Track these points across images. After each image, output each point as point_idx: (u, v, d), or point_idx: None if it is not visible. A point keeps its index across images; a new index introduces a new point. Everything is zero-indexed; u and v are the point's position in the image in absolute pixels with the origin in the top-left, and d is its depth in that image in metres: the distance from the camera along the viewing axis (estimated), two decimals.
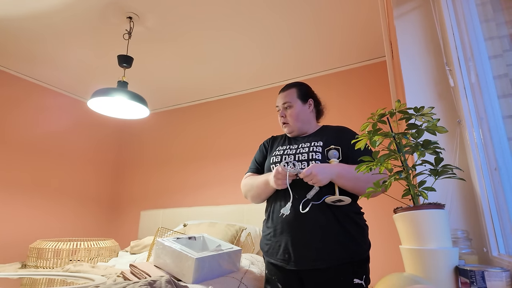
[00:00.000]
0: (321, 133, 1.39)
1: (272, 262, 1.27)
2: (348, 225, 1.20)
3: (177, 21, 2.24)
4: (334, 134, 1.36)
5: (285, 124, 1.41)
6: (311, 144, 1.31)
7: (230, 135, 3.29)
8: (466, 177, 0.87)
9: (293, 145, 1.36)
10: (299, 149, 1.32)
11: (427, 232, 0.68)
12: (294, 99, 1.39)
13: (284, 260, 1.20)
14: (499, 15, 0.87)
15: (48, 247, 2.20)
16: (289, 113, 1.38)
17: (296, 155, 1.30)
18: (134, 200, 3.64)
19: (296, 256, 1.17)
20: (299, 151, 1.31)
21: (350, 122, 2.70)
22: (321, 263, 1.15)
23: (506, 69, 0.83)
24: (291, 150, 1.34)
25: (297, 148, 1.33)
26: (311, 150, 1.29)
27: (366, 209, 2.46)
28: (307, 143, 1.34)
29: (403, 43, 1.09)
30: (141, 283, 1.15)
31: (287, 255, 1.19)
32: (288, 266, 1.20)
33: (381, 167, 0.81)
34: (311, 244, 1.16)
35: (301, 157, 1.28)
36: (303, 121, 1.39)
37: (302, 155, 1.29)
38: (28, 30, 2.34)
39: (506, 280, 0.56)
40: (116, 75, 2.99)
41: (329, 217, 1.18)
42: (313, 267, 1.16)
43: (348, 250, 1.17)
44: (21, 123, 2.95)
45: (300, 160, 1.27)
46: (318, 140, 1.33)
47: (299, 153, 1.30)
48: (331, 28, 2.34)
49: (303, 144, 1.34)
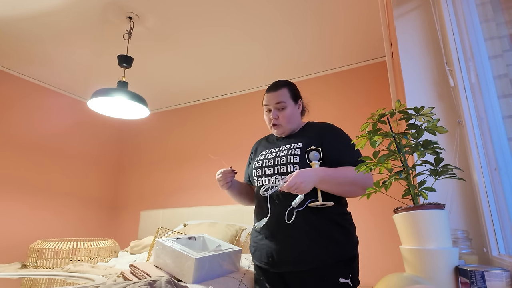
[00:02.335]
0: (303, 132, 1.35)
1: (257, 265, 1.32)
2: (331, 228, 1.19)
3: (177, 21, 2.24)
4: (317, 131, 1.33)
5: (276, 125, 1.33)
6: (290, 146, 1.28)
7: (230, 135, 3.29)
8: (466, 177, 0.87)
9: (274, 148, 1.34)
10: (279, 152, 1.29)
11: (427, 232, 0.68)
12: (287, 99, 1.32)
13: (268, 263, 1.24)
14: (499, 15, 0.87)
15: (48, 247, 2.20)
16: (282, 114, 1.31)
17: (275, 158, 1.28)
18: (134, 200, 3.64)
19: (279, 260, 1.20)
20: (278, 155, 1.29)
21: (350, 122, 2.70)
22: (303, 266, 1.17)
23: (506, 69, 0.83)
24: (271, 154, 1.32)
25: (277, 151, 1.31)
26: (290, 153, 1.25)
27: (366, 209, 2.48)
28: (287, 145, 1.31)
29: (403, 43, 1.09)
30: (141, 283, 1.15)
31: (271, 259, 1.22)
32: (272, 269, 1.24)
33: (381, 167, 0.81)
34: (294, 249, 1.18)
35: (280, 160, 1.26)
36: (294, 122, 1.35)
37: (280, 158, 1.26)
38: (28, 30, 2.34)
39: (506, 280, 0.56)
40: (116, 75, 2.99)
41: (312, 222, 1.18)
42: (296, 269, 1.18)
43: (331, 252, 1.16)
44: (21, 123, 2.95)
45: (280, 164, 1.25)
46: (298, 141, 1.29)
47: (277, 157, 1.28)
48: (330, 28, 2.34)
49: (283, 146, 1.31)
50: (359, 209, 2.43)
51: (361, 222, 2.49)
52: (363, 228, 2.46)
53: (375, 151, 0.83)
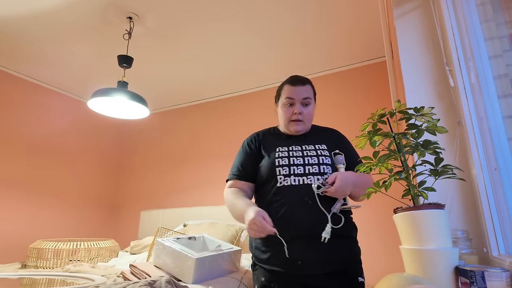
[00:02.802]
0: (316, 135, 1.32)
1: (274, 270, 1.16)
2: (351, 229, 1.22)
3: (177, 21, 2.24)
4: (330, 136, 1.33)
5: (299, 121, 1.25)
6: (315, 147, 1.24)
7: (230, 135, 3.29)
8: (466, 177, 0.87)
9: (295, 146, 1.26)
10: (305, 152, 1.23)
11: (427, 232, 0.68)
12: (312, 96, 1.27)
13: (292, 267, 1.13)
14: (499, 15, 0.87)
15: (48, 247, 2.20)
16: (307, 111, 1.25)
17: (304, 157, 1.20)
18: (134, 200, 3.63)
19: (311, 262, 1.12)
20: (306, 154, 1.22)
21: (350, 122, 2.70)
22: (333, 267, 1.14)
23: (506, 69, 0.83)
24: (296, 152, 1.23)
25: (302, 150, 1.24)
26: (319, 154, 1.21)
27: (366, 209, 2.48)
28: (310, 145, 1.25)
29: (403, 43, 1.09)
30: (141, 283, 1.15)
31: (300, 262, 1.12)
32: (298, 272, 1.13)
33: (381, 167, 0.81)
34: (327, 250, 1.13)
35: (311, 160, 1.20)
36: (311, 122, 1.31)
37: (311, 158, 1.20)
38: (28, 30, 2.34)
39: (506, 280, 0.56)
40: (116, 75, 2.99)
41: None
42: (327, 271, 1.13)
43: (352, 252, 1.20)
44: (20, 123, 2.95)
45: (311, 164, 1.19)
46: (320, 142, 1.26)
47: (307, 156, 1.21)
48: (330, 28, 2.34)
49: (306, 146, 1.25)
50: (359, 209, 2.43)
51: (362, 222, 2.48)
52: (363, 228, 2.46)
53: (375, 151, 0.83)
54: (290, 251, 1.12)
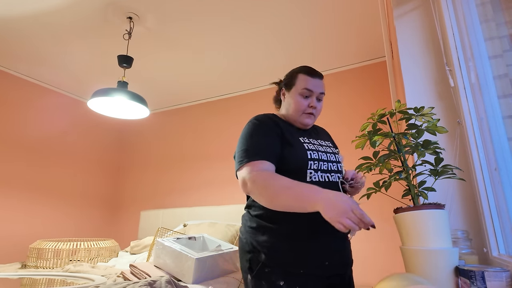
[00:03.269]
0: (316, 132, 1.28)
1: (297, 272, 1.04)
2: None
3: (177, 21, 2.24)
4: (328, 135, 1.33)
5: (311, 115, 1.17)
6: (327, 144, 1.21)
7: (230, 135, 3.29)
8: (466, 177, 0.87)
9: (312, 139, 1.18)
10: (323, 147, 1.16)
11: (427, 232, 0.68)
12: (324, 91, 1.21)
13: (321, 267, 1.04)
14: (499, 15, 0.87)
15: (48, 247, 2.20)
16: (320, 106, 1.20)
17: (326, 154, 1.13)
18: (134, 200, 3.64)
19: (334, 262, 1.07)
20: (324, 149, 1.14)
21: (350, 122, 2.70)
22: (346, 269, 1.13)
23: (506, 69, 0.83)
24: (316, 146, 1.14)
25: (319, 145, 1.16)
26: (333, 151, 1.18)
27: (366, 209, 2.48)
28: (324, 141, 1.22)
29: (403, 43, 1.09)
30: (141, 283, 1.15)
31: (327, 262, 1.05)
32: (326, 273, 1.06)
33: (381, 167, 0.81)
34: (344, 250, 1.11)
35: (331, 157, 1.13)
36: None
37: (331, 155, 1.14)
38: (28, 30, 2.34)
39: (506, 280, 0.56)
40: (116, 75, 2.99)
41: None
42: (346, 271, 1.13)
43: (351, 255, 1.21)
44: (21, 124, 2.95)
45: (332, 161, 1.12)
46: (325, 140, 1.23)
47: (327, 152, 1.14)
48: (329, 29, 2.34)
49: (321, 141, 1.20)
50: None
51: None
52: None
53: (375, 151, 0.83)
54: (317, 251, 1.03)
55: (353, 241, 2.37)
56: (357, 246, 2.38)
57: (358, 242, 2.41)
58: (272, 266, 1.04)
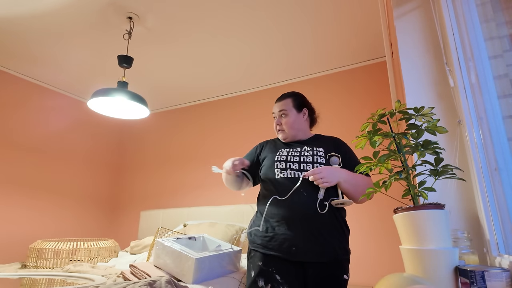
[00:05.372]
0: (317, 141, 1.47)
1: (271, 254, 1.27)
2: (343, 227, 1.33)
3: (177, 21, 2.24)
4: (331, 143, 1.46)
5: (280, 131, 1.50)
6: (313, 149, 1.40)
7: (229, 135, 3.29)
8: (466, 177, 0.87)
9: (295, 149, 1.43)
10: (303, 152, 1.39)
11: (427, 232, 0.68)
12: (289, 108, 1.48)
13: (290, 252, 1.24)
14: (499, 15, 0.87)
15: (48, 247, 2.20)
16: (284, 121, 1.47)
17: (301, 156, 1.37)
18: (134, 200, 3.63)
19: (305, 249, 1.24)
20: (303, 154, 1.39)
21: (350, 122, 2.70)
22: (323, 257, 1.24)
23: (506, 69, 0.83)
24: (294, 152, 1.40)
25: (301, 151, 1.40)
26: (315, 154, 1.37)
27: (366, 209, 2.48)
28: (308, 147, 1.42)
29: (403, 43, 1.09)
30: (141, 283, 1.15)
31: (295, 248, 1.24)
32: (295, 258, 1.24)
33: (381, 167, 0.81)
34: (318, 239, 1.24)
35: (306, 159, 1.36)
36: (298, 129, 1.48)
37: (307, 157, 1.37)
38: (28, 30, 2.34)
39: (506, 280, 0.56)
40: (116, 75, 2.99)
41: (333, 218, 1.29)
42: (318, 260, 1.24)
43: (342, 249, 1.29)
44: (21, 124, 2.95)
45: (306, 162, 1.35)
46: (319, 146, 1.42)
47: (303, 155, 1.38)
48: (330, 28, 2.34)
49: (306, 147, 1.42)
50: (359, 209, 2.43)
51: (362, 222, 2.49)
52: (363, 228, 2.46)
53: (375, 151, 0.83)
54: (285, 237, 1.26)
55: (353, 241, 2.37)
56: (357, 246, 2.38)
57: (358, 242, 2.41)
58: (256, 250, 1.32)
